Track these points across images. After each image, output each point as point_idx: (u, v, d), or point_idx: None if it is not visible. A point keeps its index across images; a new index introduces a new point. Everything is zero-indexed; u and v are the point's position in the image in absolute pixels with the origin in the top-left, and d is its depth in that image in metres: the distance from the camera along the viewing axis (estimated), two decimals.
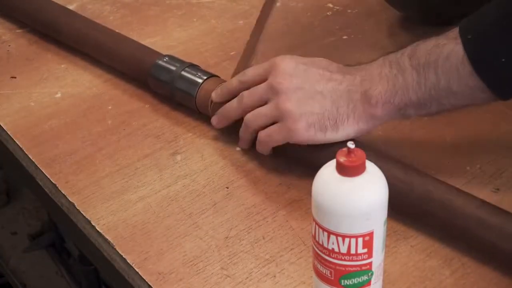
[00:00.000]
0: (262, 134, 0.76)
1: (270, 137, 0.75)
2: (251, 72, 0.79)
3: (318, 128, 0.72)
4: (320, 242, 0.58)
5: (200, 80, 0.85)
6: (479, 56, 0.66)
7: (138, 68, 0.92)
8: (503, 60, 0.64)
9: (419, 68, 0.68)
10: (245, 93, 0.77)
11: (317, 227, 0.58)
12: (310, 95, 0.73)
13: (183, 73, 0.86)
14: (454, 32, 0.67)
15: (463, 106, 0.70)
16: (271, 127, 0.75)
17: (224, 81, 0.84)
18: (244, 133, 0.79)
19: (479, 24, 0.67)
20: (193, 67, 0.87)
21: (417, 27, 1.01)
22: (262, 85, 0.76)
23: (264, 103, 0.75)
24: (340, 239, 0.56)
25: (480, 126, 0.84)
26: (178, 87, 0.86)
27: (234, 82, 0.80)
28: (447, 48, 0.67)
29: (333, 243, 0.57)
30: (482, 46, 0.65)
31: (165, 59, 0.89)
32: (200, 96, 0.84)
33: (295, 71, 0.74)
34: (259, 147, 0.78)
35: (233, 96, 0.79)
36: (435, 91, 0.68)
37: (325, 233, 0.57)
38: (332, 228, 0.57)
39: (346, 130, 0.72)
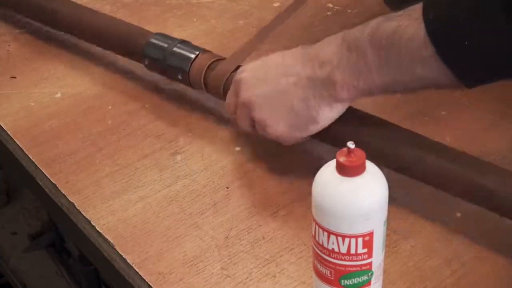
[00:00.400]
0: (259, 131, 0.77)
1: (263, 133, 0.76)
2: (228, 107, 0.79)
3: (298, 126, 0.73)
4: (320, 242, 0.58)
5: (192, 55, 0.85)
6: (441, 38, 0.61)
7: (131, 47, 0.92)
8: (467, 43, 0.60)
9: (380, 50, 0.65)
10: (237, 123, 0.79)
11: (317, 227, 0.58)
12: (276, 98, 0.73)
13: (175, 49, 0.86)
14: (417, 11, 0.63)
15: (429, 88, 0.67)
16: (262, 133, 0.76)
17: (217, 56, 0.85)
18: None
19: (443, 2, 0.62)
20: (185, 43, 0.88)
21: None
22: (238, 112, 0.77)
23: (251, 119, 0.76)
24: (340, 239, 0.56)
25: (480, 126, 0.84)
26: (170, 63, 0.86)
27: (230, 111, 0.80)
28: (410, 29, 0.63)
29: (333, 243, 0.57)
30: (444, 27, 0.61)
31: (156, 37, 0.89)
32: (193, 71, 0.84)
33: (254, 80, 0.74)
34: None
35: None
36: (399, 75, 0.65)
37: (325, 233, 0.57)
38: (332, 228, 0.57)
39: (324, 117, 0.72)
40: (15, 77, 0.97)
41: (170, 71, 0.87)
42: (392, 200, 0.75)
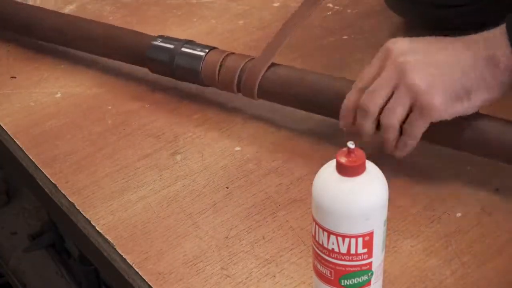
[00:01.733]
0: (407, 129, 0.71)
1: (412, 126, 0.70)
2: (366, 74, 0.73)
3: (454, 98, 0.69)
4: (320, 242, 0.58)
5: (202, 54, 0.85)
6: None
7: (134, 53, 0.92)
8: None
9: None
10: (365, 98, 0.71)
11: (317, 227, 0.58)
12: (436, 66, 0.69)
13: (184, 49, 0.87)
14: None
15: None
16: (410, 115, 0.70)
17: (224, 51, 0.85)
18: (386, 136, 0.72)
19: None
20: (191, 42, 0.88)
21: (417, 27, 1.01)
22: (384, 73, 0.71)
23: (391, 94, 0.70)
24: (340, 239, 0.56)
25: None
26: (180, 64, 0.86)
27: (352, 96, 0.74)
28: None
29: (333, 243, 0.57)
30: None
31: (160, 40, 0.89)
32: (205, 68, 0.84)
33: (413, 46, 0.71)
34: (405, 144, 0.72)
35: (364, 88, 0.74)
36: None
37: (325, 233, 0.57)
38: (332, 228, 0.57)
39: (479, 97, 0.69)
40: (15, 77, 0.97)
41: (180, 72, 0.87)
42: (392, 200, 0.75)
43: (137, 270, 0.68)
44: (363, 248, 0.57)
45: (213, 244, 0.70)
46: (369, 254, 0.57)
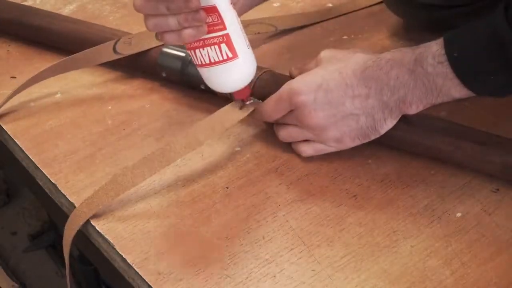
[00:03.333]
0: (309, 150, 0.79)
1: (321, 152, 0.79)
2: (271, 107, 0.79)
3: (362, 138, 0.76)
4: None
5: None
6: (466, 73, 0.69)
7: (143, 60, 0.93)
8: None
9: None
10: (281, 133, 0.80)
11: None
12: (343, 118, 0.75)
13: None
14: (439, 51, 0.69)
15: None
16: (319, 146, 0.78)
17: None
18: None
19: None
20: None
21: (416, 27, 1.01)
22: (293, 120, 0.78)
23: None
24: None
25: (480, 126, 0.84)
26: (189, 72, 0.88)
27: (262, 113, 0.80)
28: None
29: None
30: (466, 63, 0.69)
31: (170, 47, 0.90)
32: None
33: (317, 104, 0.75)
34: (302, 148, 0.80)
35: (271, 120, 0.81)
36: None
37: None
38: None
39: (387, 126, 0.75)
40: (15, 77, 0.97)
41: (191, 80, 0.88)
42: (392, 200, 0.75)
43: (137, 270, 0.68)
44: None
45: (213, 244, 0.70)
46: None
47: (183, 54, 0.88)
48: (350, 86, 0.74)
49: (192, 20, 0.70)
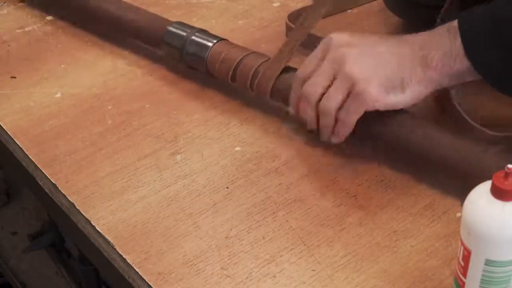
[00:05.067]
0: (341, 116, 0.75)
1: (348, 113, 0.74)
2: (308, 64, 0.78)
3: (389, 88, 0.73)
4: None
5: (210, 44, 0.89)
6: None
7: (151, 35, 0.97)
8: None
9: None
10: (307, 86, 0.76)
11: (462, 247, 0.57)
12: (374, 57, 0.73)
13: (194, 37, 0.91)
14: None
15: None
16: (346, 102, 0.74)
17: (233, 44, 0.89)
18: (323, 122, 0.77)
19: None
20: (203, 31, 0.92)
21: (416, 27, 1.01)
22: (324, 64, 0.75)
23: (331, 83, 0.74)
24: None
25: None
26: (188, 51, 0.91)
27: (296, 85, 0.79)
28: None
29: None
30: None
31: (176, 26, 0.94)
32: (210, 58, 0.89)
33: (353, 38, 0.75)
34: (340, 130, 0.76)
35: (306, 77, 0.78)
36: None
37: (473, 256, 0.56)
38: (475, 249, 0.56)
39: (412, 91, 0.73)
40: (15, 77, 0.97)
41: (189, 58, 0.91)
42: (392, 200, 0.75)
43: (137, 270, 0.68)
44: None
45: (213, 244, 0.71)
46: None
47: (183, 34, 0.92)
48: (384, 39, 0.75)
49: None
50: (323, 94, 0.75)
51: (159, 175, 0.79)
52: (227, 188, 0.77)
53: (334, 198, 0.75)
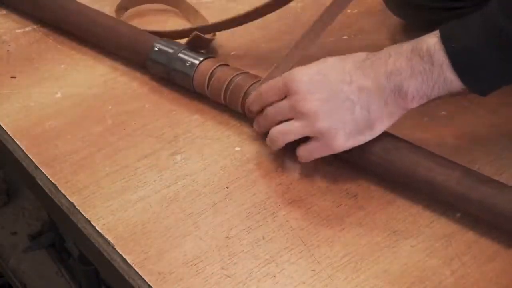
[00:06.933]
0: (303, 154, 0.75)
1: (310, 153, 0.75)
2: (266, 90, 0.77)
3: (356, 134, 0.72)
4: None
5: (196, 61, 0.88)
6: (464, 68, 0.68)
7: (136, 52, 0.95)
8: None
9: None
10: (270, 110, 0.77)
11: None
12: (337, 105, 0.71)
13: (180, 55, 0.89)
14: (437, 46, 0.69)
15: None
16: (311, 144, 0.74)
17: (219, 62, 0.88)
18: (272, 145, 0.78)
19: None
20: (189, 49, 0.91)
21: (416, 28, 1.01)
22: (285, 106, 0.75)
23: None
24: None
25: (480, 126, 0.84)
26: (175, 68, 0.89)
27: (256, 95, 0.79)
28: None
29: None
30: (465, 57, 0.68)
31: (162, 43, 0.92)
32: (197, 76, 0.87)
33: (312, 85, 0.72)
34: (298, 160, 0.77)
35: (262, 105, 0.78)
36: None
37: None
38: None
39: (382, 125, 0.72)
40: (15, 77, 0.97)
41: (176, 75, 0.90)
42: (392, 200, 0.75)
43: (137, 270, 0.68)
44: None
45: (213, 244, 0.71)
46: None
47: (171, 51, 0.90)
48: (348, 73, 0.72)
49: None
50: (280, 122, 0.76)
51: (159, 175, 0.79)
52: (227, 188, 0.77)
53: (334, 198, 0.75)
